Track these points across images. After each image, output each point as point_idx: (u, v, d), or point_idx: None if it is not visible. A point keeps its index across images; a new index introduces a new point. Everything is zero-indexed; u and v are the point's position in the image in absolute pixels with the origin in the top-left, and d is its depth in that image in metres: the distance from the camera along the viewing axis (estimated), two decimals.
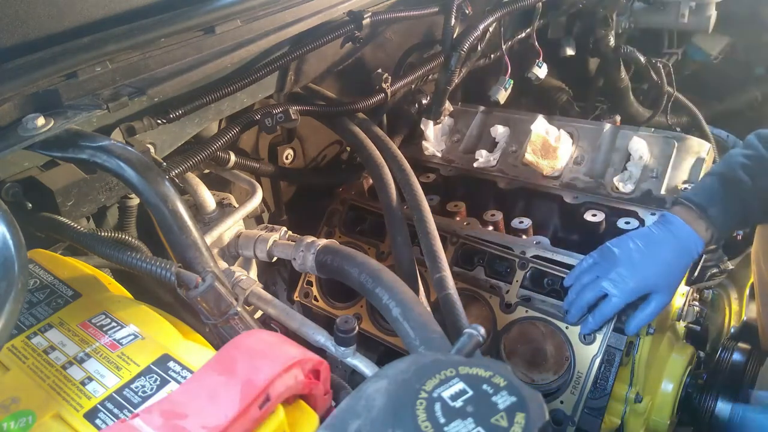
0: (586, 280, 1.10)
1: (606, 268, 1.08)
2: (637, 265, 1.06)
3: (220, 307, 0.75)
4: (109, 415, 0.59)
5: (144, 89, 0.90)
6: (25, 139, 0.79)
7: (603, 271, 1.08)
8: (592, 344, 1.11)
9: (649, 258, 1.06)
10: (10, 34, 0.87)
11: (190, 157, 1.02)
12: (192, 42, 1.00)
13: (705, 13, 1.93)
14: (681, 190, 1.26)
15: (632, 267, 1.06)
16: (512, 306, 1.21)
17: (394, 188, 1.19)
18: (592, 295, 1.08)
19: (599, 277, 1.08)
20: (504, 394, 0.46)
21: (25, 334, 0.68)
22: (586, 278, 1.10)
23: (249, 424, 0.55)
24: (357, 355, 0.88)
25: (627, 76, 2.02)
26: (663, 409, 1.24)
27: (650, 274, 1.05)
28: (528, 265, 1.22)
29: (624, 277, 1.05)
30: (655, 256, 1.06)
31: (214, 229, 1.08)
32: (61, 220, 0.86)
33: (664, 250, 1.06)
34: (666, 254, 1.06)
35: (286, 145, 1.46)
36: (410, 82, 1.38)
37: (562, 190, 1.35)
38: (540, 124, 1.43)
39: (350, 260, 0.97)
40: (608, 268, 1.07)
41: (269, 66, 1.10)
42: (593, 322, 1.09)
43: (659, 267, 1.06)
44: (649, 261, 1.05)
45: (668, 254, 1.06)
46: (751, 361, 1.29)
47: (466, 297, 1.26)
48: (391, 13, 1.25)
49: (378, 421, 0.45)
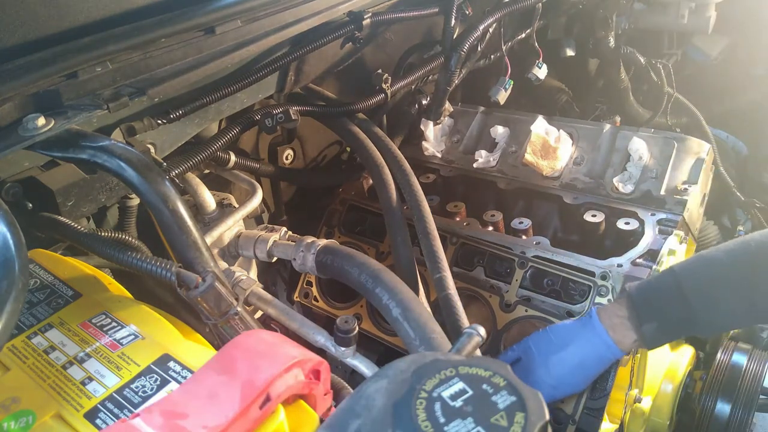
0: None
1: (526, 370, 1.08)
2: (551, 368, 1.05)
3: (220, 307, 0.75)
4: (109, 415, 0.59)
5: (144, 89, 0.91)
6: (25, 139, 0.79)
7: (523, 373, 1.08)
8: None
9: (564, 361, 1.05)
10: (10, 34, 0.87)
11: (190, 157, 1.02)
12: (192, 42, 1.00)
13: (704, 14, 1.93)
14: (681, 190, 1.26)
15: (547, 371, 1.05)
16: (512, 305, 1.21)
17: (394, 188, 1.19)
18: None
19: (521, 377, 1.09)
20: (504, 393, 0.46)
21: (26, 334, 0.68)
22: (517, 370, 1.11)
23: (249, 424, 0.55)
24: (357, 355, 0.89)
25: (627, 77, 2.02)
26: (663, 410, 1.24)
27: (563, 375, 1.05)
28: (528, 264, 1.22)
29: (541, 381, 1.05)
30: (570, 360, 1.04)
31: (215, 229, 1.08)
32: (62, 220, 0.86)
33: (579, 354, 1.04)
34: (580, 358, 1.04)
35: (286, 145, 1.46)
36: (410, 82, 1.38)
37: (561, 190, 1.35)
38: (540, 124, 1.43)
39: (350, 260, 0.97)
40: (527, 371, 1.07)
41: (269, 66, 1.11)
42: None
43: (572, 369, 1.05)
44: (564, 364, 1.05)
45: (583, 358, 1.04)
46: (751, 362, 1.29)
47: (466, 297, 1.26)
48: (392, 14, 1.25)
49: (378, 421, 0.45)
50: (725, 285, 0.99)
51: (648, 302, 1.02)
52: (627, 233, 1.24)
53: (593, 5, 1.83)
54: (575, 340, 1.05)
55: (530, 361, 1.07)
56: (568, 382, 1.06)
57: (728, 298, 0.99)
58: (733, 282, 0.99)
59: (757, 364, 1.27)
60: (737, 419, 1.21)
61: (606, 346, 1.02)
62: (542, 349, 1.07)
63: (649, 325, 1.00)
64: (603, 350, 1.03)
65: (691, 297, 0.99)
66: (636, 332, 1.01)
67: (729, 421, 1.22)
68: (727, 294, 0.99)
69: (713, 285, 1.00)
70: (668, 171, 1.30)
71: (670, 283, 1.01)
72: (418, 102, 1.47)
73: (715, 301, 0.99)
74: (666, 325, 1.01)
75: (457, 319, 0.96)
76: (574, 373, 1.05)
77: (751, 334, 1.60)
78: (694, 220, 1.31)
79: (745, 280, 0.98)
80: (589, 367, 1.05)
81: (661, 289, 1.02)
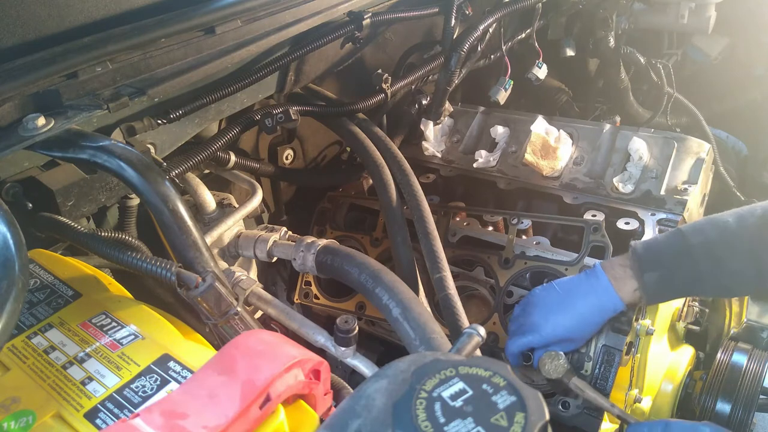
0: (513, 328, 1.13)
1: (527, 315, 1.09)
2: (551, 313, 1.06)
3: (220, 307, 0.76)
4: (109, 415, 0.59)
5: (144, 89, 0.90)
6: (25, 139, 0.79)
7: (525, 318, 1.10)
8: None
9: (564, 309, 1.06)
10: (10, 34, 0.87)
11: (190, 157, 1.02)
12: (192, 42, 1.00)
13: (704, 14, 1.92)
14: (681, 190, 1.26)
15: (546, 316, 1.06)
16: (511, 261, 1.23)
17: (394, 188, 1.19)
18: (516, 345, 1.10)
19: (522, 325, 1.10)
20: (504, 393, 0.46)
21: (26, 333, 0.68)
22: (513, 326, 1.13)
23: (249, 424, 0.55)
24: (357, 355, 0.89)
25: (627, 77, 2.02)
26: (663, 409, 1.24)
27: (563, 324, 1.06)
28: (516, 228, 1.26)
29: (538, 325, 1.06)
30: (571, 308, 1.05)
31: (215, 229, 1.08)
32: (62, 220, 0.86)
33: (580, 304, 1.05)
34: (582, 308, 1.05)
35: (286, 145, 1.46)
36: (410, 82, 1.38)
37: (561, 190, 1.35)
38: (540, 124, 1.43)
39: (350, 260, 0.97)
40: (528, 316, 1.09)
41: (269, 66, 1.11)
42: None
43: (573, 319, 1.05)
44: (564, 312, 1.06)
45: (584, 308, 1.05)
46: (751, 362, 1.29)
47: (466, 296, 1.26)
48: (392, 14, 1.25)
49: (378, 421, 0.45)
50: (731, 245, 1.00)
51: (653, 254, 1.03)
52: (627, 233, 1.24)
53: (593, 5, 1.83)
54: (578, 290, 1.06)
55: (532, 311, 1.08)
56: (570, 335, 1.06)
57: (734, 259, 0.99)
58: (739, 243, 0.99)
59: (757, 364, 1.27)
60: (737, 419, 1.21)
61: (607, 294, 1.03)
62: (546, 300, 1.08)
63: (652, 274, 1.01)
64: (604, 299, 1.03)
65: (697, 253, 0.99)
66: (638, 281, 1.02)
67: (729, 421, 1.21)
68: (734, 254, 0.99)
69: (719, 244, 1.00)
70: (668, 171, 1.30)
71: (676, 239, 1.02)
72: (418, 102, 1.47)
73: (720, 260, 0.99)
74: (669, 278, 1.01)
75: (457, 319, 0.96)
76: (576, 325, 1.05)
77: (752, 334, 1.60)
78: (694, 220, 1.31)
79: (752, 243, 0.99)
80: (590, 318, 1.05)
81: (667, 244, 1.03)
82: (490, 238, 1.29)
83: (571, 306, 1.05)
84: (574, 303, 1.05)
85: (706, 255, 1.00)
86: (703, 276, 1.00)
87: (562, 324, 1.05)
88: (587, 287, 1.05)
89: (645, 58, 1.98)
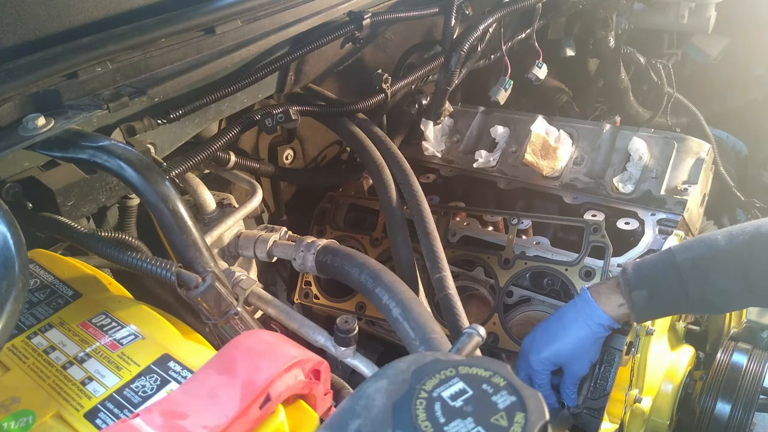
0: (521, 363, 1.13)
1: (531, 348, 1.10)
2: (551, 341, 1.07)
3: (220, 307, 0.76)
4: (109, 415, 0.59)
5: (144, 89, 0.90)
6: (25, 139, 0.79)
7: (532, 349, 1.10)
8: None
9: (561, 335, 1.06)
10: (10, 34, 0.87)
11: (190, 157, 1.02)
12: (192, 42, 1.00)
13: (704, 14, 1.93)
14: (681, 190, 1.26)
15: (546, 344, 1.07)
16: (511, 261, 1.22)
17: (394, 188, 1.19)
18: (526, 375, 1.11)
19: (529, 357, 1.10)
20: (504, 393, 0.46)
21: (26, 333, 0.68)
22: (521, 362, 1.13)
23: (249, 424, 0.55)
24: (357, 355, 0.89)
25: (627, 77, 2.03)
26: (663, 409, 1.24)
27: (561, 349, 1.06)
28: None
29: (541, 356, 1.07)
30: (566, 334, 1.06)
31: (215, 229, 1.08)
32: (62, 220, 0.86)
33: (573, 329, 1.05)
34: (575, 332, 1.05)
35: (286, 145, 1.46)
36: (410, 82, 1.37)
37: (561, 190, 1.35)
38: (540, 124, 1.43)
39: (350, 260, 0.97)
40: (530, 348, 1.10)
41: (269, 66, 1.10)
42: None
43: (570, 344, 1.05)
44: (560, 338, 1.06)
45: (578, 332, 1.05)
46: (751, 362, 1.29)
47: (466, 297, 1.26)
48: (392, 14, 1.25)
49: (378, 421, 0.45)
50: (719, 263, 1.00)
51: (641, 273, 1.03)
52: (627, 233, 1.24)
53: (593, 5, 1.83)
54: (568, 318, 1.06)
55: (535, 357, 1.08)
56: (566, 357, 1.06)
57: (722, 277, 0.99)
58: (728, 261, 0.99)
59: (757, 364, 1.27)
60: (737, 419, 1.21)
61: (600, 319, 1.03)
62: (543, 340, 1.08)
63: (640, 292, 1.01)
64: (594, 324, 1.03)
65: (685, 272, 0.99)
66: (625, 298, 1.02)
67: (729, 421, 1.22)
68: (721, 272, 0.99)
69: (707, 262, 1.00)
70: (668, 171, 1.30)
71: (665, 257, 1.03)
72: (418, 102, 1.47)
73: (708, 278, 0.99)
74: (657, 296, 1.01)
75: (457, 319, 0.96)
76: (570, 349, 1.05)
77: (751, 334, 1.60)
78: (694, 220, 1.31)
79: (741, 261, 0.98)
80: (587, 343, 1.05)
81: (656, 263, 1.03)
82: (490, 238, 1.29)
83: (567, 332, 1.06)
84: (569, 329, 1.06)
85: (692, 272, 0.99)
86: (691, 294, 1.00)
87: (560, 349, 1.06)
88: (575, 313, 1.06)
89: (645, 58, 1.98)
